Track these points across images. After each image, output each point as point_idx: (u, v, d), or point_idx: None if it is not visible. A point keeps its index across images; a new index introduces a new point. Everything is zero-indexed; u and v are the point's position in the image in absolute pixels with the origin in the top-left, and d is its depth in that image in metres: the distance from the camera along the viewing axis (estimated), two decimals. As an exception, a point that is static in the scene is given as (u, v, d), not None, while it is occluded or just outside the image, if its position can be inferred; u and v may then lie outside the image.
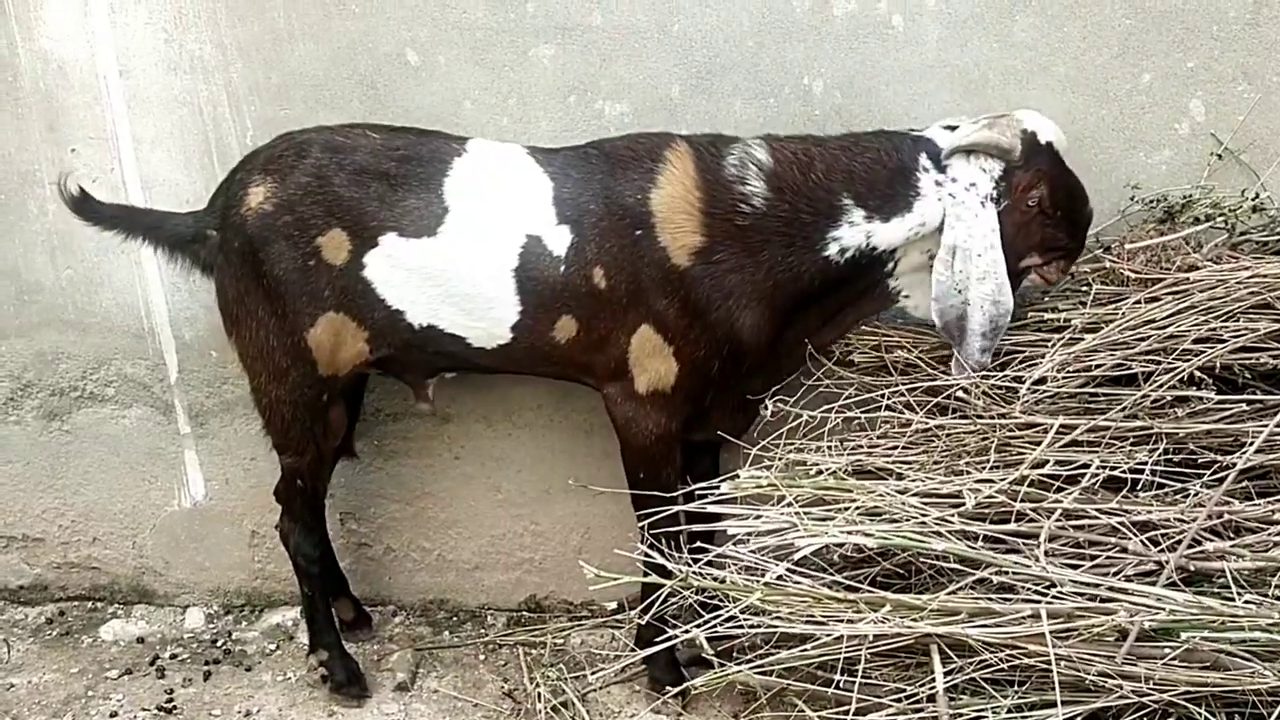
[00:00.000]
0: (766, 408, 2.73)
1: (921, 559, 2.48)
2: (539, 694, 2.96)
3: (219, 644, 3.35)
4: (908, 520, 2.30)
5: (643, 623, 2.75)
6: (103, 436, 3.38)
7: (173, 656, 3.29)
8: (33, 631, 3.45)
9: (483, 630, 3.35)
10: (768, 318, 2.63)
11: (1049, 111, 2.76)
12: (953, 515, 2.33)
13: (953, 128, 2.60)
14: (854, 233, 2.57)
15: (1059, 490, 2.38)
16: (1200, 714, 2.06)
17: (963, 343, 2.59)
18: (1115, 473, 2.39)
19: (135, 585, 3.53)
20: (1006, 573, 2.20)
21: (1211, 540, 2.23)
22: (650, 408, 2.70)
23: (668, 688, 2.84)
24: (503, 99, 2.93)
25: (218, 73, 2.98)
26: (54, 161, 3.10)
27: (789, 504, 2.39)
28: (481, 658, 3.22)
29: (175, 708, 3.05)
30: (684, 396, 2.70)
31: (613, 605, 3.37)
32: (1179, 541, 2.23)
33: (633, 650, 3.02)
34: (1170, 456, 2.43)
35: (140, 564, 3.51)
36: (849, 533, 2.27)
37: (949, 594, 2.26)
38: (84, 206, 2.82)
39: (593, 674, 3.03)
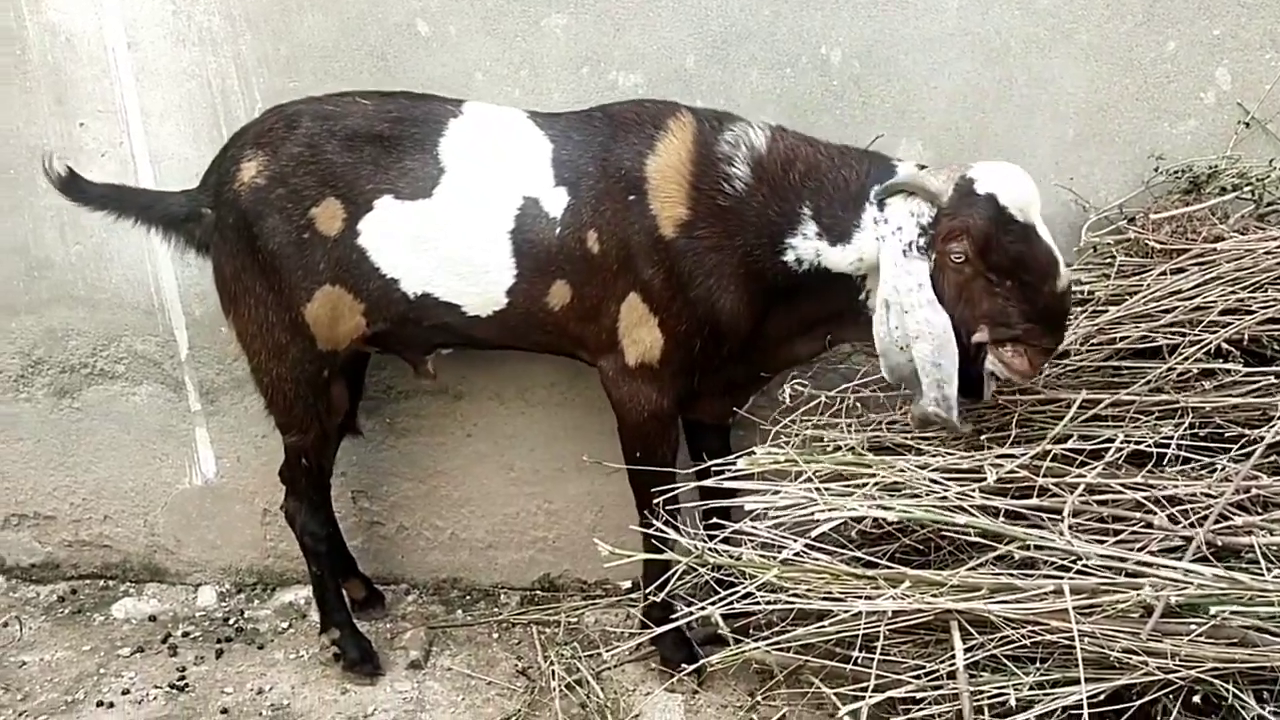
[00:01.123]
0: (783, 390, 2.69)
1: (941, 535, 2.45)
2: (553, 672, 2.94)
3: (231, 622, 3.33)
4: (929, 495, 2.26)
5: (649, 602, 2.74)
6: (113, 414, 3.36)
7: (185, 634, 3.28)
8: (44, 609, 3.44)
9: (496, 609, 3.33)
10: (745, 303, 2.57)
11: (1071, 79, 2.71)
12: (974, 490, 2.28)
13: (923, 167, 2.44)
14: (806, 246, 2.49)
15: (1082, 465, 2.33)
16: (1227, 690, 2.02)
17: (919, 398, 2.38)
18: (1140, 447, 2.35)
19: (147, 563, 3.52)
20: (1029, 547, 2.15)
21: (1239, 515, 2.19)
22: (642, 382, 2.67)
23: (681, 665, 2.81)
24: (514, 70, 2.89)
25: (226, 45, 2.94)
26: (62, 135, 3.07)
27: (807, 479, 2.35)
28: (495, 636, 3.20)
29: (188, 685, 3.03)
30: (672, 371, 2.66)
31: (627, 584, 3.34)
32: (1205, 516, 2.19)
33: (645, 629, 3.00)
34: (1196, 431, 2.39)
35: (152, 542, 3.49)
36: (870, 507, 2.22)
37: (970, 570, 2.22)
38: (71, 187, 2.77)
39: (607, 651, 3.01)
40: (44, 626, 3.36)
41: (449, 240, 2.60)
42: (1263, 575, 2.04)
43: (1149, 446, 2.34)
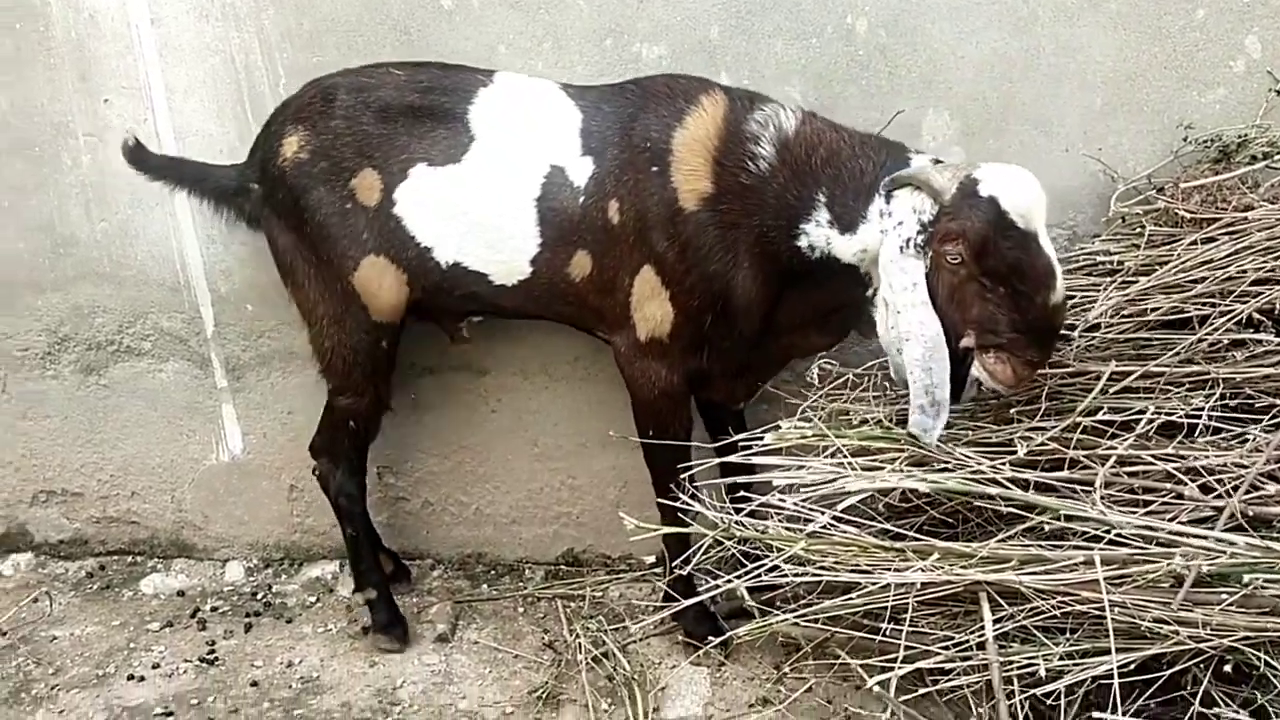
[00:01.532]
0: (811, 369, 2.68)
1: (969, 509, 2.45)
2: (579, 645, 2.95)
3: (259, 597, 3.36)
4: (959, 469, 2.25)
5: (673, 576, 2.75)
6: (140, 390, 3.37)
7: (213, 609, 3.30)
8: (73, 585, 3.47)
9: (521, 583, 3.35)
10: (760, 283, 2.56)
11: (1099, 47, 2.68)
12: (1004, 464, 2.28)
13: (939, 161, 2.41)
14: (818, 233, 2.47)
15: (1113, 437, 2.32)
16: (1259, 659, 2.01)
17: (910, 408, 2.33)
18: (1171, 418, 2.33)
19: (174, 539, 3.54)
20: (1061, 518, 2.14)
21: (1270, 485, 2.17)
22: (652, 359, 2.68)
23: (706, 639, 2.82)
24: (538, 42, 2.88)
25: (249, 20, 2.94)
26: (87, 113, 3.08)
27: (835, 452, 2.35)
28: (520, 610, 3.22)
29: (217, 659, 3.06)
30: (681, 347, 2.66)
31: (650, 559, 3.35)
32: (1237, 486, 2.17)
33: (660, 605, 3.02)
34: (1227, 401, 2.37)
35: (179, 518, 3.52)
36: (903, 479, 2.22)
37: (999, 541, 2.22)
38: (137, 155, 2.88)
39: (634, 625, 3.02)
40: (73, 602, 3.39)
41: (477, 206, 2.63)
42: (1297, 545, 2.03)
43: (1180, 418, 2.33)
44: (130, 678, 3.00)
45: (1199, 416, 2.33)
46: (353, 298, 2.73)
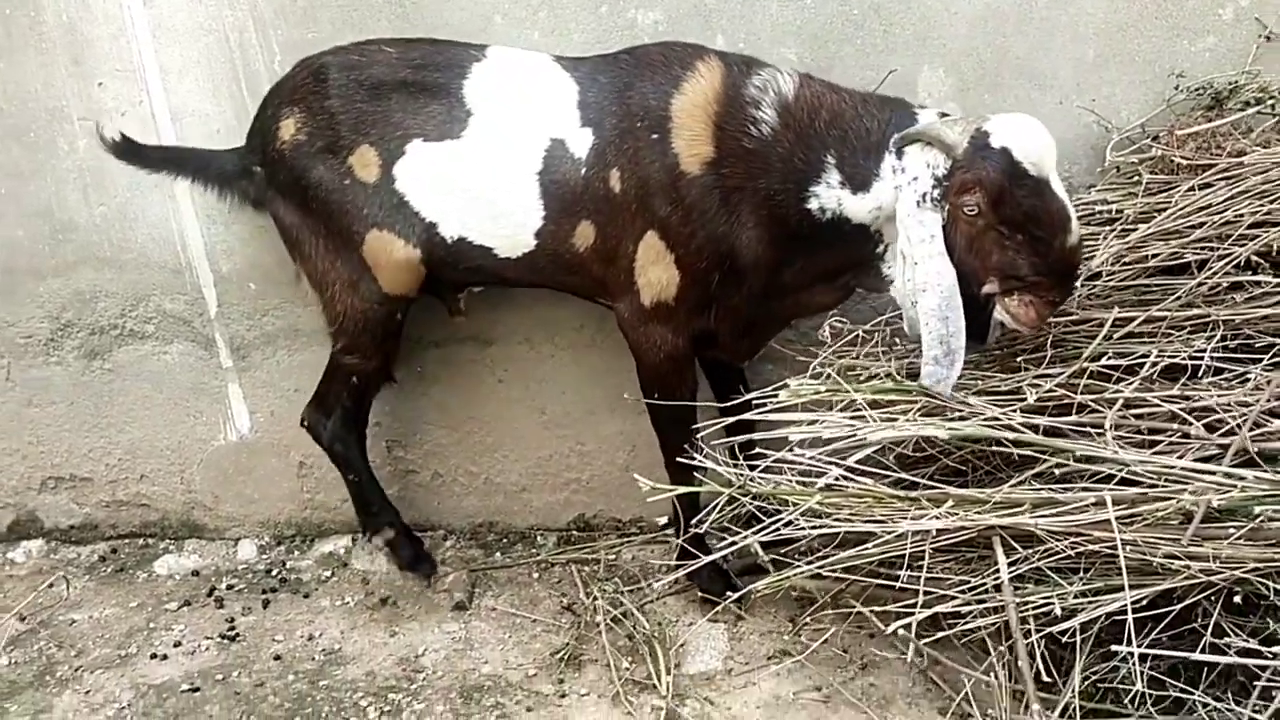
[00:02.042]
0: (822, 329, 2.70)
1: (978, 456, 2.50)
2: (596, 606, 3.00)
3: (274, 573, 3.39)
4: (973, 416, 2.31)
5: (688, 534, 2.82)
6: (145, 373, 3.38)
7: (229, 587, 3.33)
8: (87, 569, 3.49)
9: (533, 550, 3.39)
10: (766, 242, 2.60)
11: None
12: (1014, 410, 2.33)
13: (945, 115, 2.46)
14: (829, 195, 2.51)
15: (1118, 381, 2.38)
16: (1268, 588, 2.08)
17: (921, 360, 2.39)
18: (1174, 361, 2.39)
19: (185, 520, 3.56)
20: (1074, 459, 2.20)
21: (1274, 421, 2.23)
22: (657, 323, 2.72)
23: (725, 595, 2.88)
24: (533, 12, 2.89)
25: (243, -2, 2.93)
26: (81, 96, 3.07)
27: (849, 405, 2.40)
28: (535, 575, 3.26)
29: (238, 635, 3.09)
30: (687, 309, 2.70)
31: (662, 520, 3.39)
32: (1241, 424, 2.24)
33: (674, 564, 3.08)
34: (1227, 343, 2.43)
35: (189, 499, 3.53)
36: (922, 426, 2.27)
37: (1012, 486, 2.28)
38: (127, 150, 2.88)
39: (649, 584, 3.08)
40: (89, 585, 3.40)
41: (478, 181, 2.66)
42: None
43: (1183, 360, 2.39)
44: (153, 656, 3.02)
45: (1201, 358, 2.39)
46: (365, 268, 2.76)
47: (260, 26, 2.96)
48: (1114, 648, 2.11)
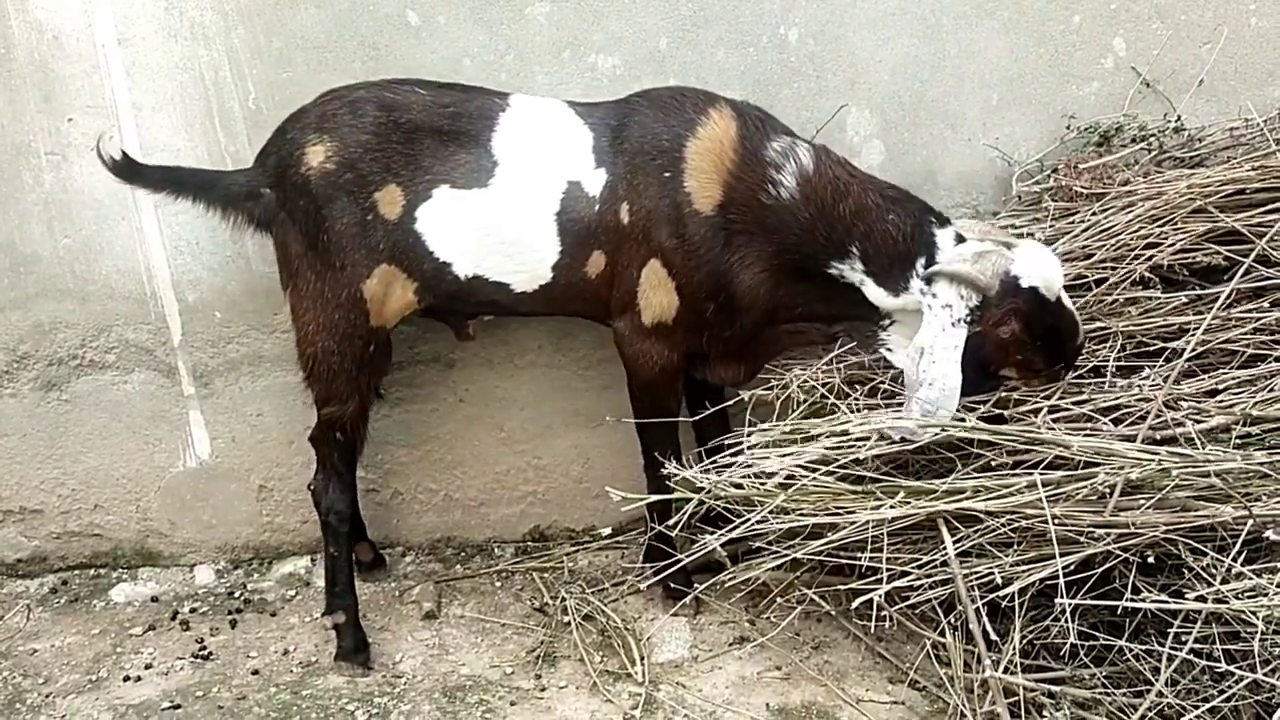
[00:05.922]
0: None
1: (917, 452, 2.80)
2: (565, 606, 3.20)
3: (237, 595, 3.45)
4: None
5: (654, 533, 3.05)
6: (104, 403, 3.42)
7: (193, 610, 3.38)
8: (39, 601, 3.48)
9: (492, 561, 3.56)
10: (768, 284, 2.86)
11: (995, 50, 3.11)
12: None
13: (963, 239, 2.75)
14: (853, 274, 2.80)
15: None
16: (1177, 550, 2.44)
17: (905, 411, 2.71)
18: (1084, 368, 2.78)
19: (139, 548, 3.59)
20: (1017, 451, 2.54)
21: (1169, 413, 2.61)
22: (655, 340, 2.93)
23: (692, 586, 3.11)
24: (500, 55, 3.11)
25: (219, 39, 3.06)
26: (49, 132, 3.13)
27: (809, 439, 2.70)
28: (498, 584, 3.43)
29: (211, 654, 3.15)
30: (683, 330, 2.92)
31: (607, 530, 3.61)
32: (1143, 417, 2.61)
33: (641, 565, 3.30)
34: (1126, 350, 2.82)
35: (145, 527, 3.57)
36: (896, 419, 2.58)
37: (957, 476, 2.60)
38: (127, 170, 2.88)
39: (611, 585, 3.29)
40: (44, 616, 3.40)
41: (501, 227, 2.81)
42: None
43: (1095, 363, 2.78)
44: (126, 679, 3.06)
45: (1106, 364, 2.77)
46: (358, 304, 2.83)
47: (236, 66, 3.09)
48: (1056, 601, 2.41)
